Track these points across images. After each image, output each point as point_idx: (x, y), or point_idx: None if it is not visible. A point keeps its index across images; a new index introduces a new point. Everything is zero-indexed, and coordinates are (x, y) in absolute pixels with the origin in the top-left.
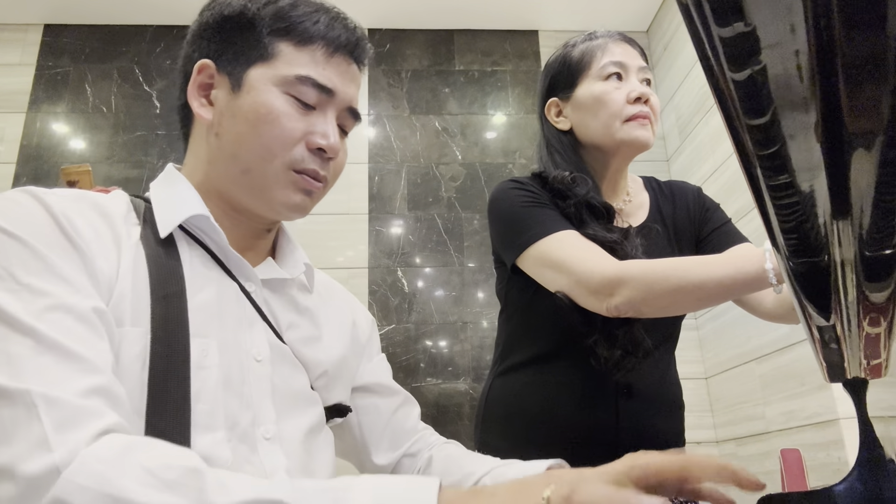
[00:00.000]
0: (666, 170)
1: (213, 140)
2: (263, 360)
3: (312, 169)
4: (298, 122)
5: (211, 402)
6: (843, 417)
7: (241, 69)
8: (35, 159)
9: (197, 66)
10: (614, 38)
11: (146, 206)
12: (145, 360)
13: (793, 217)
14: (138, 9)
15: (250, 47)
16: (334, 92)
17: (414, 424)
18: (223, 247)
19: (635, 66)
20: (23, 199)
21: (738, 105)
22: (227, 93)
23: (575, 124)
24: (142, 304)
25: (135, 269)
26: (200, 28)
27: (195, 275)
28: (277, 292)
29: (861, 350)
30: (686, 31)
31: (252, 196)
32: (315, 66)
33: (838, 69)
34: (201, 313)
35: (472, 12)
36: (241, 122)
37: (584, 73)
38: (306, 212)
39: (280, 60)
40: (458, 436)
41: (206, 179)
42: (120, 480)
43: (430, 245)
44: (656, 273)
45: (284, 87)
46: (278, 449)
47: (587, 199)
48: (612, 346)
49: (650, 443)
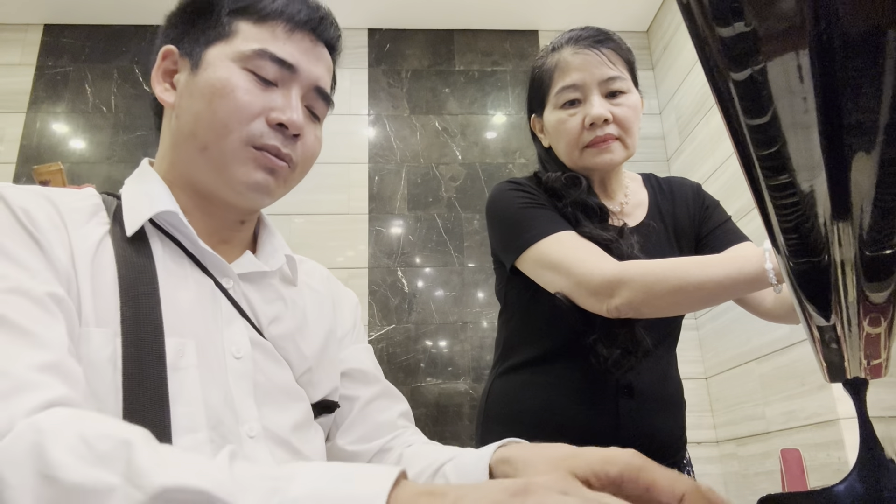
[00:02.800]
0: (666, 169)
1: (175, 122)
2: (244, 357)
3: (273, 145)
4: (256, 97)
5: (190, 404)
6: (843, 417)
7: (201, 49)
8: (35, 159)
9: (161, 53)
10: (576, 46)
11: (117, 203)
12: (116, 363)
13: (793, 217)
14: (138, 9)
15: (210, 27)
16: (296, 67)
17: (392, 419)
18: (195, 242)
19: (595, 80)
20: None
21: (738, 105)
22: (188, 73)
23: (551, 143)
24: (109, 304)
25: (100, 268)
26: (167, 21)
27: (168, 273)
28: (257, 285)
29: (861, 350)
30: (686, 31)
31: (212, 175)
32: (275, 42)
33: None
34: (176, 312)
35: (472, 12)
36: (197, 100)
37: (546, 97)
38: (270, 193)
39: (238, 37)
40: (458, 436)
41: (172, 167)
42: (53, 451)
43: (430, 245)
44: (656, 274)
45: (242, 63)
46: (263, 447)
47: (581, 200)
48: (612, 345)
49: (651, 441)
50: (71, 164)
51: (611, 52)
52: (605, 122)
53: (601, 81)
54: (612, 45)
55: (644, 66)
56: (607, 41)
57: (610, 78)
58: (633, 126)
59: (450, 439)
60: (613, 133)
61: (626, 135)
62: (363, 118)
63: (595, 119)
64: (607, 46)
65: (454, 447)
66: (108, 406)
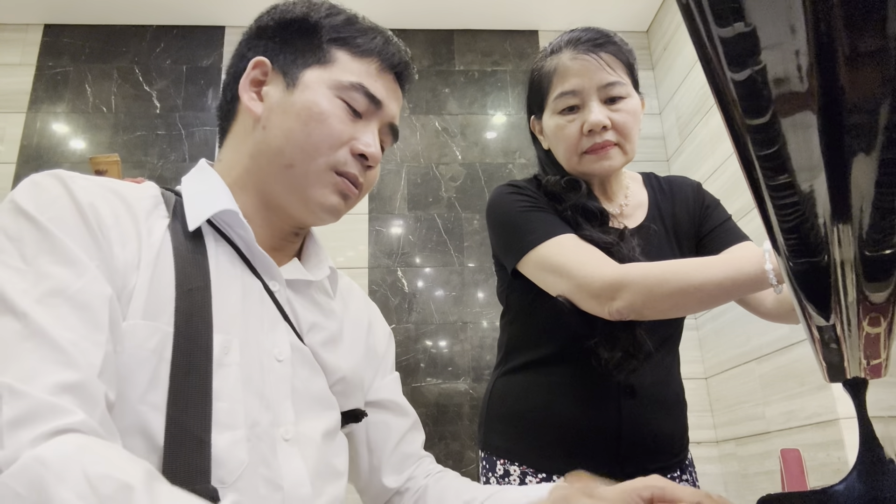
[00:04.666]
0: (666, 169)
1: (260, 133)
2: (284, 361)
3: (353, 173)
4: (346, 126)
5: (231, 400)
6: (843, 417)
7: (298, 69)
8: (35, 159)
9: (252, 62)
10: (575, 50)
11: (177, 199)
12: (163, 353)
13: (793, 217)
14: (138, 9)
15: (309, 51)
16: (382, 104)
17: (419, 450)
18: (250, 244)
19: (594, 86)
20: (48, 184)
21: (738, 105)
22: (281, 90)
23: (550, 147)
24: (164, 296)
25: (158, 262)
26: (258, 30)
27: (220, 271)
28: (300, 293)
29: (861, 350)
30: (686, 31)
31: (291, 192)
32: (368, 77)
33: (838, 69)
34: (225, 310)
35: (472, 12)
36: (291, 118)
37: (545, 101)
38: (339, 216)
39: (336, 66)
40: (458, 436)
41: (246, 174)
42: (56, 489)
43: (430, 245)
44: (657, 276)
45: (337, 92)
46: (297, 451)
47: (581, 203)
48: (614, 348)
49: (652, 442)
50: (71, 164)
51: (610, 56)
52: (603, 128)
53: (600, 87)
54: (612, 49)
55: (644, 66)
56: (607, 44)
57: (609, 84)
58: (632, 132)
59: (450, 439)
60: (612, 140)
61: (625, 140)
62: None
63: (593, 126)
64: (606, 50)
65: (490, 486)
66: (149, 395)
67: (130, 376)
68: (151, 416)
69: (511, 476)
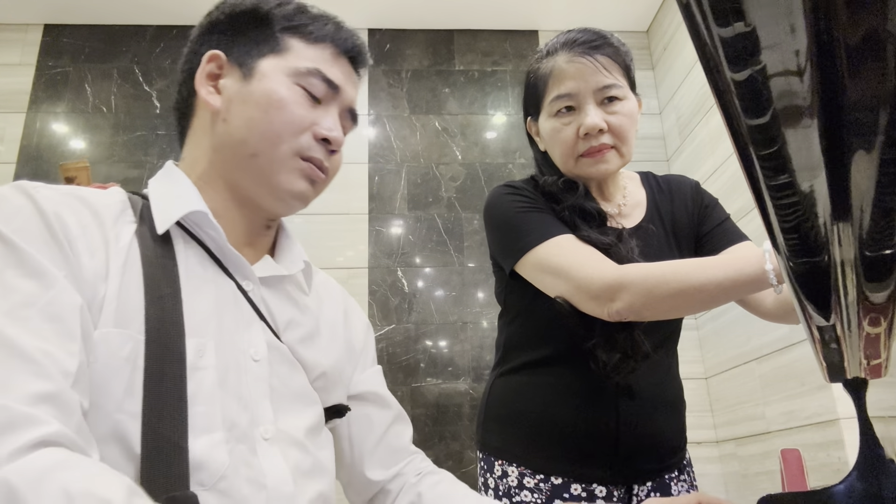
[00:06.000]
0: (666, 169)
1: (221, 126)
2: (261, 360)
3: (318, 158)
4: (307, 112)
5: (208, 404)
6: (843, 417)
7: (253, 59)
8: (35, 159)
9: (207, 56)
10: (571, 53)
11: (143, 202)
12: (136, 361)
13: (793, 217)
14: (138, 9)
15: (262, 40)
16: (340, 88)
17: (406, 445)
18: (221, 244)
19: (590, 88)
20: (12, 196)
21: (738, 105)
22: (238, 80)
23: (546, 149)
24: (133, 304)
25: (126, 269)
26: (210, 25)
27: (191, 274)
28: (275, 290)
29: (861, 350)
30: (686, 31)
31: (258, 181)
32: (324, 63)
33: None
34: (197, 314)
35: (472, 12)
36: (251, 107)
37: (541, 103)
38: (308, 202)
39: (291, 54)
40: (458, 436)
41: (211, 168)
42: None
43: (430, 245)
44: (656, 277)
45: (295, 78)
46: (277, 450)
47: (579, 205)
48: (612, 349)
49: (651, 443)
50: (69, 161)
51: (606, 58)
52: (599, 131)
53: (596, 90)
54: (608, 51)
55: (644, 66)
56: (603, 46)
57: (605, 86)
58: (629, 134)
59: (450, 439)
60: (608, 143)
61: (622, 143)
62: (363, 118)
63: (589, 129)
64: (602, 52)
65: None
66: (125, 404)
67: (105, 385)
68: (128, 424)
69: (509, 477)
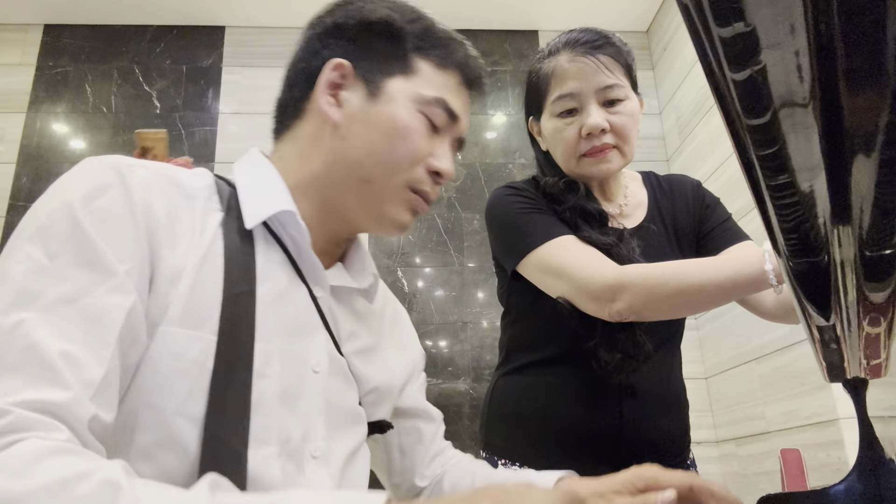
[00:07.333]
0: (666, 169)
1: (338, 143)
2: (321, 373)
3: (426, 191)
4: (427, 143)
5: (268, 415)
6: (843, 417)
7: (381, 78)
8: (35, 159)
9: (332, 64)
10: (573, 53)
11: (231, 191)
12: (205, 363)
13: (793, 217)
14: (138, 9)
15: (393, 58)
16: (459, 119)
17: (446, 447)
18: (303, 248)
19: (592, 89)
20: (101, 172)
21: (738, 105)
22: (363, 98)
23: (548, 149)
24: (208, 301)
25: (206, 263)
26: (336, 28)
27: (267, 275)
28: (341, 300)
29: (861, 350)
30: (686, 31)
31: (364, 206)
32: (449, 92)
33: (838, 69)
34: (268, 316)
35: (472, 12)
36: (373, 131)
37: (543, 103)
38: (405, 232)
39: (420, 78)
40: (458, 436)
41: (313, 180)
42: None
43: (430, 245)
44: (657, 277)
45: (419, 106)
46: (324, 469)
47: (580, 205)
48: (613, 349)
49: (653, 442)
50: (71, 164)
51: (608, 58)
52: (602, 131)
53: (598, 90)
54: (610, 51)
55: (644, 66)
56: (605, 46)
57: (607, 86)
58: (631, 134)
59: (450, 439)
60: (610, 143)
61: (624, 143)
62: None
63: (592, 129)
64: (604, 52)
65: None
66: (186, 408)
67: (167, 386)
68: (186, 428)
69: None
